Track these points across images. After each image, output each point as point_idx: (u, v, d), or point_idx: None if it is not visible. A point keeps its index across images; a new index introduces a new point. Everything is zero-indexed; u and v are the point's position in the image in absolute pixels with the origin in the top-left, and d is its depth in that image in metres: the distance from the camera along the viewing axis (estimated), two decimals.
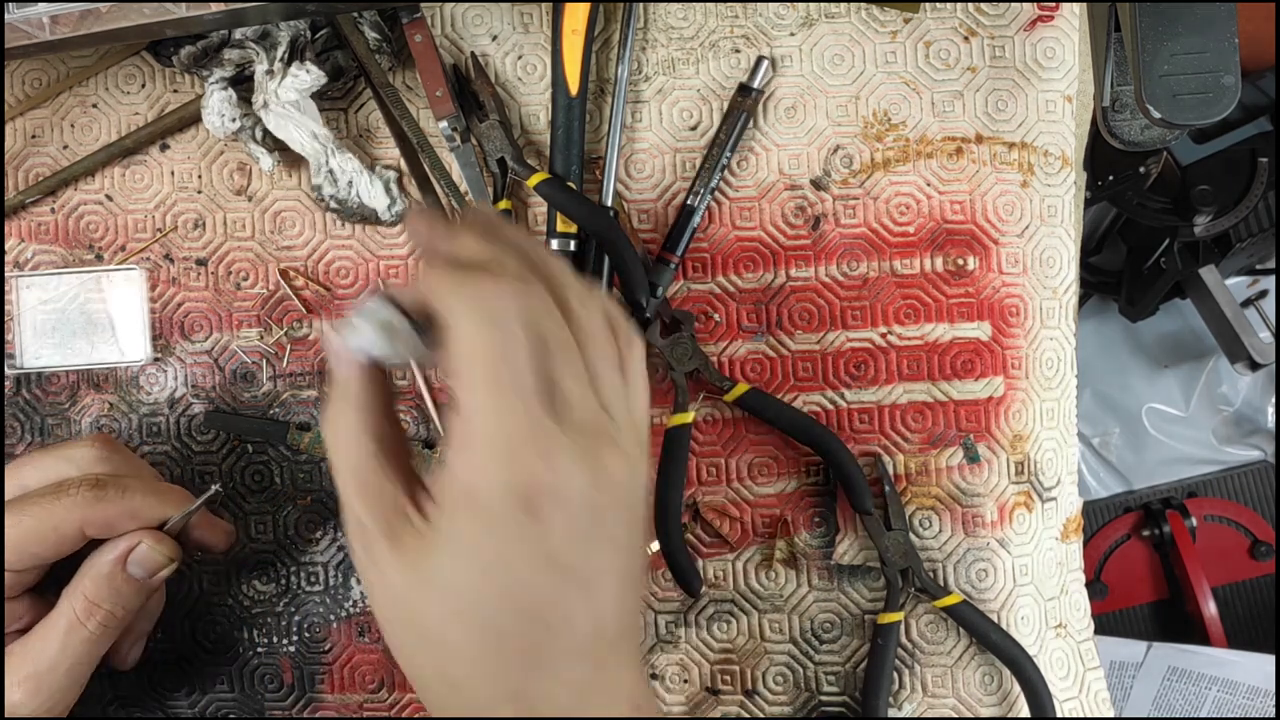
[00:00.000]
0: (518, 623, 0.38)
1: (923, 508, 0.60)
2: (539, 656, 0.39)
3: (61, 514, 0.48)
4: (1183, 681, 1.17)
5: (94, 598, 0.50)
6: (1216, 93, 0.48)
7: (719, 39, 0.61)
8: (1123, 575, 1.34)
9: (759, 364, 0.61)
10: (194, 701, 0.62)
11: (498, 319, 0.38)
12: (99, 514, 0.49)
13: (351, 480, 0.41)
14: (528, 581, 0.38)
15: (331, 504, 0.62)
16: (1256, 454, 1.37)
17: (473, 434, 0.38)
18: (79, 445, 0.52)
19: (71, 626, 0.49)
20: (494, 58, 0.61)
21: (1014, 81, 0.60)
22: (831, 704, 0.61)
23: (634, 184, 0.61)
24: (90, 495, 0.49)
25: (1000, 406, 0.60)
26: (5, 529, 0.48)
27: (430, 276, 0.40)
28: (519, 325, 0.39)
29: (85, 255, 0.62)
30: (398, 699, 0.62)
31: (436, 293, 0.40)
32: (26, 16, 0.52)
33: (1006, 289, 0.60)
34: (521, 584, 0.38)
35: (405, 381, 0.62)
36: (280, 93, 0.57)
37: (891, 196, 0.60)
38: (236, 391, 0.62)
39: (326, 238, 0.62)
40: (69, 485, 0.49)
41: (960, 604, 0.59)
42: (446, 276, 0.40)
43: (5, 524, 0.48)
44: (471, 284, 0.39)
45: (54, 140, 0.62)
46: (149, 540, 0.50)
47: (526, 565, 0.38)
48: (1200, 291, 1.09)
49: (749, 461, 0.61)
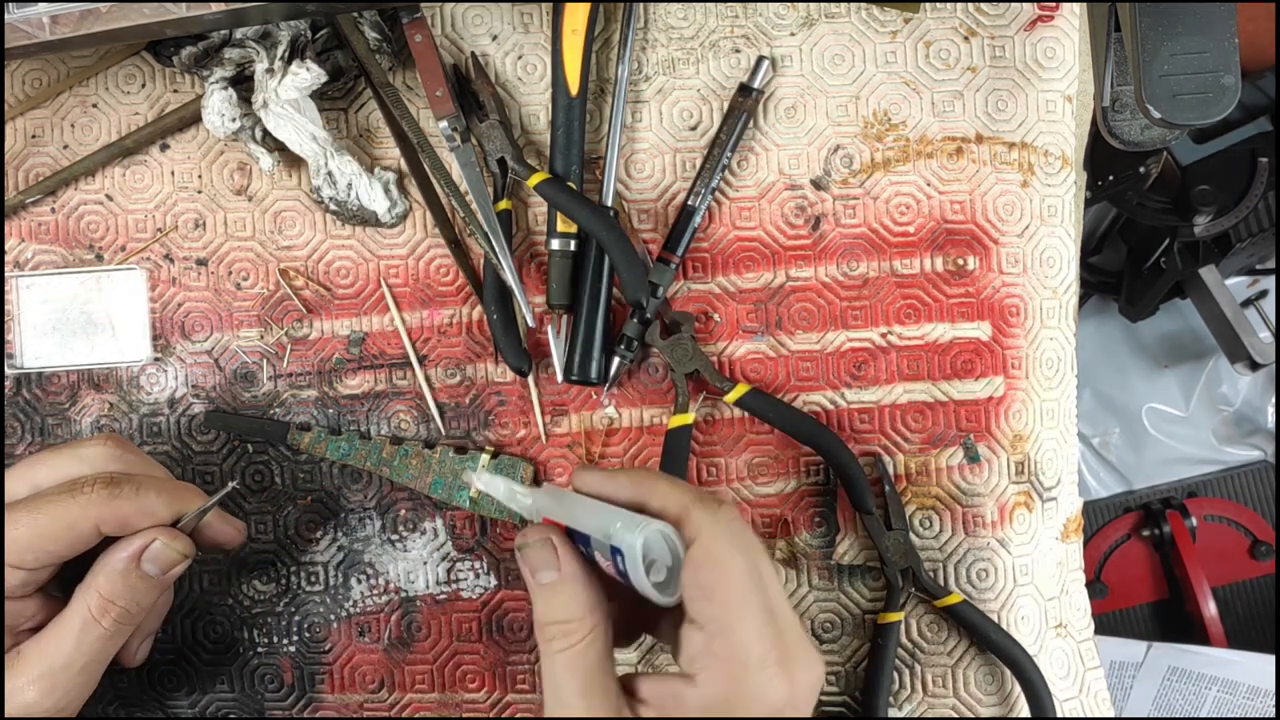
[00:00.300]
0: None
1: (923, 507, 0.60)
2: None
3: (77, 512, 0.48)
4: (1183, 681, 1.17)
5: (109, 595, 0.50)
6: (1216, 93, 0.48)
7: (719, 39, 0.61)
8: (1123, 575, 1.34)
9: (759, 364, 0.61)
10: (194, 701, 0.62)
11: (748, 546, 0.45)
12: (114, 512, 0.49)
13: (580, 682, 0.45)
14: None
15: (331, 504, 0.62)
16: (1256, 454, 1.36)
17: (732, 652, 0.43)
18: (91, 444, 0.52)
19: (86, 624, 0.49)
20: (494, 58, 0.61)
21: (1014, 81, 0.60)
22: (831, 704, 0.61)
23: (634, 184, 0.61)
24: (105, 493, 0.49)
25: (1000, 406, 0.60)
26: (21, 527, 0.48)
27: (670, 490, 0.46)
28: (759, 555, 0.45)
29: (85, 255, 0.62)
30: (398, 699, 0.62)
31: (688, 512, 0.45)
32: (26, 16, 0.52)
33: (1006, 289, 0.60)
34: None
35: (406, 382, 0.62)
36: (280, 91, 0.57)
37: (892, 196, 0.60)
38: (236, 391, 0.62)
39: (327, 238, 0.62)
40: (83, 483, 0.49)
41: (960, 604, 0.59)
42: (692, 495, 0.46)
43: (21, 522, 0.48)
44: (719, 507, 0.45)
45: (54, 140, 0.62)
46: (163, 537, 0.50)
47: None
48: (1200, 291, 1.09)
49: (749, 461, 0.61)
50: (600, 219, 0.57)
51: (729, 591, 0.43)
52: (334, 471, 0.62)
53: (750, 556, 0.44)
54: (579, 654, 0.45)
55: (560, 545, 0.47)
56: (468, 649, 0.62)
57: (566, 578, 0.46)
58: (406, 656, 0.62)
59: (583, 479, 0.49)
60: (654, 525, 0.44)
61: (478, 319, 0.61)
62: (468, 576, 0.62)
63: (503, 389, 0.62)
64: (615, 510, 0.46)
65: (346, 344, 0.62)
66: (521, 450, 0.62)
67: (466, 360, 0.62)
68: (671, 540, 0.45)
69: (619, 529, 0.44)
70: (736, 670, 0.43)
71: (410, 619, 0.62)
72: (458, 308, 0.62)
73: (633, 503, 0.47)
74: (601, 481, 0.48)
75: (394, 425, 0.62)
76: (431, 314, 0.62)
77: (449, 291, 0.62)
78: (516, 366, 0.60)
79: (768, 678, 0.43)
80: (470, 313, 0.62)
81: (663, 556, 0.45)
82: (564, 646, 0.46)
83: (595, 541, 0.45)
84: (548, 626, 0.46)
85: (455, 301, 0.62)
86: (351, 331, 0.62)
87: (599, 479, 0.48)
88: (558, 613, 0.46)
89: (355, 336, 0.62)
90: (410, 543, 0.62)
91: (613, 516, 0.45)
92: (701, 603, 0.44)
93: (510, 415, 0.61)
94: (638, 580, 0.43)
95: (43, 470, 0.51)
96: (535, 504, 0.51)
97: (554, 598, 0.46)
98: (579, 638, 0.45)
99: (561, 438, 0.61)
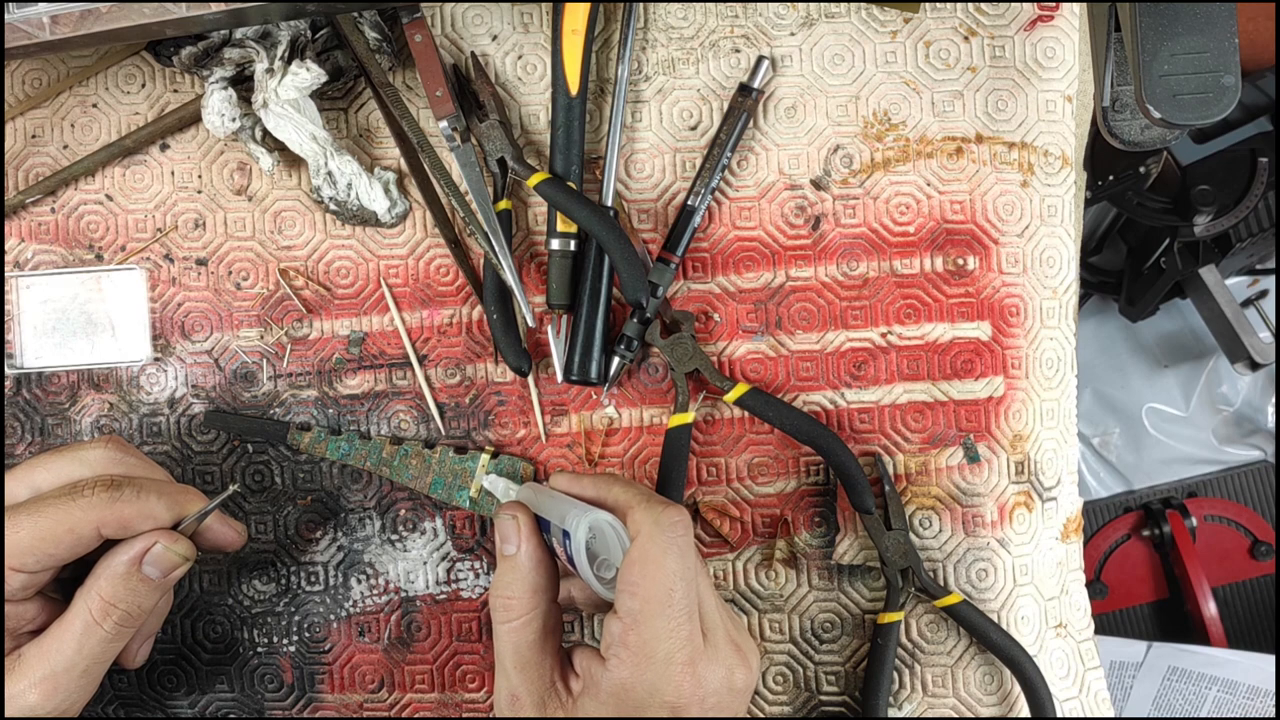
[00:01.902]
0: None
1: (923, 507, 0.60)
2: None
3: (78, 515, 0.48)
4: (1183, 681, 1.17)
5: (110, 598, 0.50)
6: (1216, 93, 0.48)
7: (719, 39, 0.61)
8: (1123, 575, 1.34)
9: (759, 364, 0.61)
10: (194, 701, 0.62)
11: (684, 550, 0.48)
12: (115, 515, 0.49)
13: (513, 655, 0.50)
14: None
15: (331, 504, 0.62)
16: (1256, 454, 1.37)
17: (641, 644, 0.47)
18: (91, 446, 0.52)
19: (88, 627, 0.49)
20: (494, 58, 0.61)
21: (1014, 81, 0.60)
22: (831, 704, 0.61)
23: (634, 184, 0.61)
24: (106, 496, 0.49)
25: (1000, 406, 0.60)
26: (23, 531, 0.48)
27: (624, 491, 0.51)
28: (691, 555, 0.48)
29: (85, 255, 0.62)
30: (398, 699, 0.62)
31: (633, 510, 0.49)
32: (26, 16, 0.52)
33: (1006, 289, 0.60)
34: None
35: (406, 382, 0.62)
36: (280, 91, 0.57)
37: (891, 196, 0.60)
38: (236, 391, 0.62)
39: (326, 237, 0.62)
40: (84, 486, 0.49)
41: (960, 604, 0.59)
42: (640, 495, 0.50)
43: (23, 526, 0.48)
44: (663, 511, 0.48)
45: (54, 140, 0.62)
46: (165, 540, 0.50)
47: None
48: (1200, 291, 1.09)
49: (749, 461, 0.61)
50: (600, 219, 0.57)
51: (652, 589, 0.47)
52: (334, 471, 0.62)
53: (683, 560, 0.48)
54: (515, 630, 0.50)
55: (524, 525, 0.52)
56: (468, 649, 0.62)
57: (522, 556, 0.51)
58: (406, 656, 0.62)
59: (556, 479, 0.55)
60: (601, 515, 0.49)
61: (478, 319, 0.61)
62: (467, 576, 0.62)
63: (503, 389, 0.62)
64: (574, 502, 0.51)
65: (346, 344, 0.62)
66: (521, 450, 0.62)
67: (466, 360, 0.62)
68: (621, 538, 0.50)
69: (571, 515, 0.49)
70: (641, 662, 0.47)
71: (410, 619, 0.62)
72: (458, 308, 0.62)
73: (594, 500, 0.52)
74: (570, 482, 0.54)
75: (394, 425, 0.62)
76: (431, 314, 0.62)
77: (449, 291, 0.62)
78: (516, 366, 0.60)
79: (670, 674, 0.47)
80: (470, 313, 0.62)
81: (614, 557, 0.50)
82: (504, 619, 0.50)
83: (553, 527, 0.50)
84: (495, 598, 0.51)
85: (455, 301, 0.62)
86: (351, 331, 0.62)
87: (568, 479, 0.54)
88: (505, 587, 0.51)
89: (355, 336, 0.62)
90: (410, 543, 0.62)
91: (569, 505, 0.50)
92: (625, 595, 0.48)
93: (510, 415, 0.61)
94: (579, 562, 0.48)
95: (43, 473, 0.51)
96: (519, 496, 0.56)
97: (506, 572, 0.51)
98: (516, 614, 0.50)
99: (561, 438, 0.62)
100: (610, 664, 0.48)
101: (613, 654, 0.48)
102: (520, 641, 0.50)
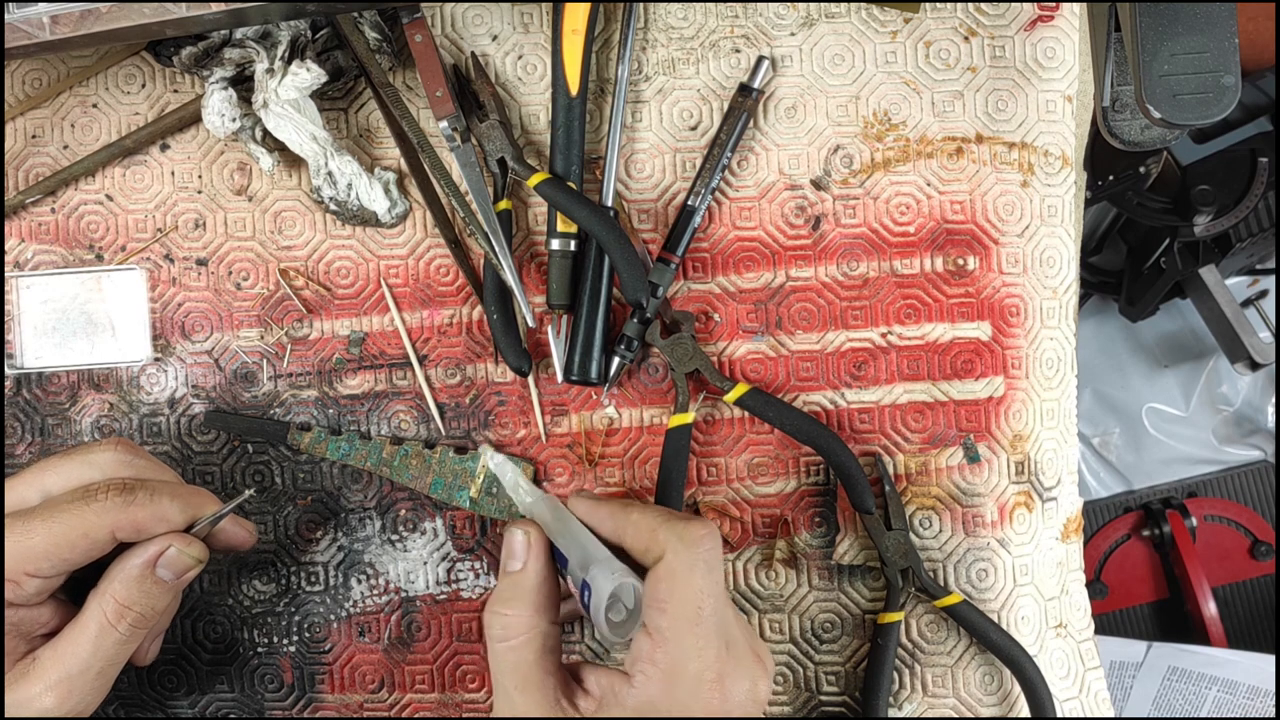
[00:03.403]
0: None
1: (923, 508, 0.60)
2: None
3: (92, 519, 0.48)
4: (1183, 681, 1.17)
5: (125, 600, 0.50)
6: (1216, 93, 0.48)
7: (719, 39, 0.61)
8: (1123, 575, 1.34)
9: (759, 364, 0.61)
10: (194, 701, 0.62)
11: (711, 565, 0.47)
12: (129, 518, 0.49)
13: (514, 676, 0.49)
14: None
15: (331, 504, 0.62)
16: (1256, 454, 1.37)
17: (671, 663, 0.46)
18: (100, 449, 0.52)
19: (103, 629, 0.49)
20: (494, 58, 0.61)
21: (1014, 81, 0.60)
22: (831, 704, 0.61)
23: (634, 184, 0.61)
24: (120, 500, 0.49)
25: (1000, 406, 0.60)
26: (37, 536, 0.48)
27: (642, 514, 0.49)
28: (719, 570, 0.48)
29: (85, 255, 0.62)
30: (398, 699, 0.62)
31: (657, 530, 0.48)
32: (26, 16, 0.52)
33: (1006, 289, 0.60)
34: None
35: (406, 382, 0.62)
36: (280, 91, 0.57)
37: (892, 196, 0.60)
38: (236, 391, 0.62)
39: (327, 238, 0.62)
40: (97, 490, 0.49)
41: (960, 604, 0.59)
42: (662, 514, 0.49)
43: (37, 531, 0.48)
44: (687, 526, 0.48)
45: (54, 140, 0.62)
46: (178, 544, 0.50)
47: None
48: (1200, 291, 1.09)
49: (749, 461, 0.61)
50: (600, 219, 0.57)
51: (680, 605, 0.46)
52: (334, 471, 0.62)
53: (711, 575, 0.47)
54: (514, 649, 0.49)
55: (535, 543, 0.51)
56: (468, 649, 0.62)
57: (528, 574, 0.50)
58: (406, 656, 0.62)
59: (575, 504, 0.54)
60: (628, 580, 0.48)
61: (478, 319, 0.61)
62: (468, 576, 0.62)
63: (503, 389, 0.62)
64: (598, 546, 0.50)
65: (346, 344, 0.62)
66: (521, 450, 0.62)
67: (466, 360, 0.62)
68: (639, 590, 0.48)
69: (594, 572, 0.48)
70: (672, 680, 0.46)
71: (410, 619, 0.62)
72: (458, 308, 0.62)
73: (612, 536, 0.51)
74: (589, 510, 0.53)
75: (394, 425, 0.62)
76: (431, 314, 0.62)
77: (449, 291, 0.62)
78: (516, 366, 0.60)
79: (701, 691, 0.46)
80: (470, 313, 0.62)
81: (627, 599, 0.49)
82: (502, 638, 0.49)
83: (571, 569, 0.49)
84: (493, 613, 0.50)
85: (455, 301, 0.62)
86: (351, 331, 0.62)
87: (587, 506, 0.53)
88: (505, 604, 0.50)
89: (355, 336, 0.62)
90: (410, 543, 0.62)
91: (594, 553, 0.49)
92: (654, 612, 0.47)
93: (510, 415, 0.61)
94: (597, 621, 0.47)
95: (53, 476, 0.51)
96: (533, 505, 0.54)
97: (508, 589, 0.50)
98: (515, 633, 0.49)
99: (561, 438, 0.62)
100: (636, 680, 0.47)
101: (639, 670, 0.47)
102: (520, 661, 0.49)
